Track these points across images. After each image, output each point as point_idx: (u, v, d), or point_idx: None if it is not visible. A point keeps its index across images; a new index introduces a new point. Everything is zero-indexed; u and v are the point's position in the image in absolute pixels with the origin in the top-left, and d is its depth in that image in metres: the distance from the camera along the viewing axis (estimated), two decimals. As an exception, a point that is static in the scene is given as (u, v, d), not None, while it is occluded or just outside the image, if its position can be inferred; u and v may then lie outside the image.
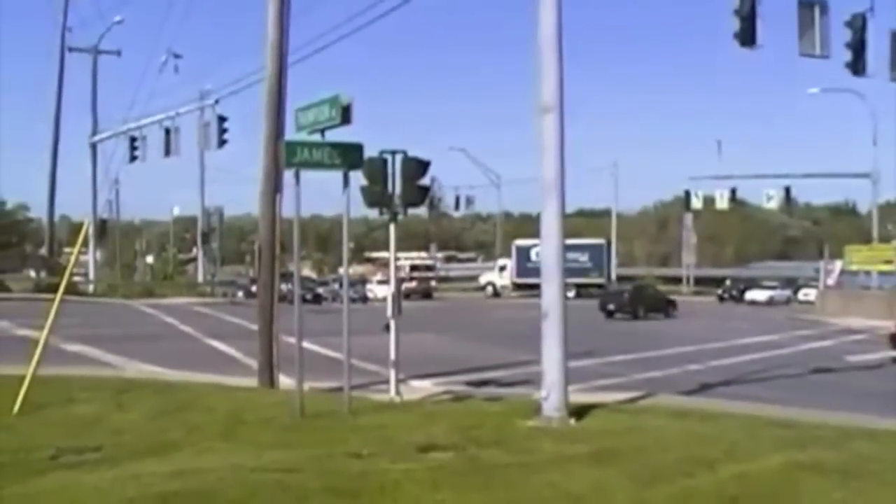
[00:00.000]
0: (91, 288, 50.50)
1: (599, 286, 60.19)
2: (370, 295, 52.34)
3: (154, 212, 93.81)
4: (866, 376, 19.88)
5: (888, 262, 45.48)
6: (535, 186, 11.90)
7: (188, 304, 43.33)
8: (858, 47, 19.04)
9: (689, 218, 73.42)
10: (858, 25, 18.99)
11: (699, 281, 74.37)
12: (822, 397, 15.63)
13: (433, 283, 66.81)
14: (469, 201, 76.15)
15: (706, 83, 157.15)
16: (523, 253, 66.71)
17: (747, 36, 18.03)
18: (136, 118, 43.73)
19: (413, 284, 61.93)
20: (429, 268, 72.47)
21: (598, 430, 10.58)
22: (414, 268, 68.52)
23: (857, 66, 19.13)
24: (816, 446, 9.56)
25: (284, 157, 11.66)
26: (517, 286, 66.08)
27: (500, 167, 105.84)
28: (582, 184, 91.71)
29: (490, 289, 69.47)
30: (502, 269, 70.29)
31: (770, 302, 58.76)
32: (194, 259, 63.63)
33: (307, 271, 74.60)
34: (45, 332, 12.13)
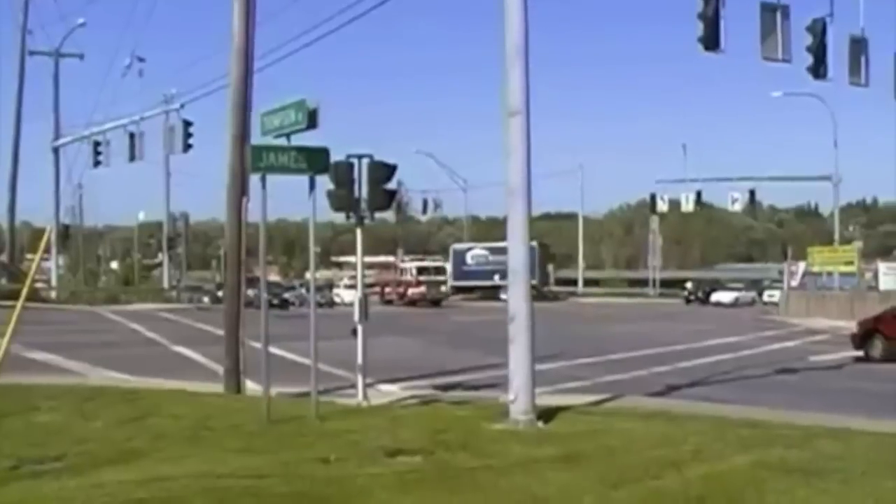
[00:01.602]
0: (54, 294, 49.85)
1: (534, 287, 60.86)
2: (337, 300, 52.14)
3: (118, 217, 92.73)
4: (829, 376, 20.12)
5: (849, 263, 46.11)
6: (502, 190, 11.94)
7: (154, 311, 42.89)
8: (819, 52, 19.36)
9: (654, 221, 74.00)
10: (819, 30, 19.31)
11: (665, 283, 74.93)
12: (786, 397, 15.79)
13: (443, 289, 59.28)
14: (436, 205, 76.41)
15: (671, 87, 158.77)
16: (459, 256, 66.72)
17: (711, 40, 18.24)
18: (100, 122, 43.43)
19: (421, 290, 56.12)
20: (439, 270, 62.63)
21: (566, 433, 10.62)
22: (421, 270, 59.97)
23: (818, 70, 19.44)
24: (781, 446, 9.67)
25: (250, 161, 11.62)
26: (455, 290, 63.86)
27: (468, 171, 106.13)
28: (548, 187, 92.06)
29: None
30: None
31: (735, 303, 59.38)
32: (160, 265, 62.95)
33: (274, 276, 73.99)
34: (6, 339, 11.96)
